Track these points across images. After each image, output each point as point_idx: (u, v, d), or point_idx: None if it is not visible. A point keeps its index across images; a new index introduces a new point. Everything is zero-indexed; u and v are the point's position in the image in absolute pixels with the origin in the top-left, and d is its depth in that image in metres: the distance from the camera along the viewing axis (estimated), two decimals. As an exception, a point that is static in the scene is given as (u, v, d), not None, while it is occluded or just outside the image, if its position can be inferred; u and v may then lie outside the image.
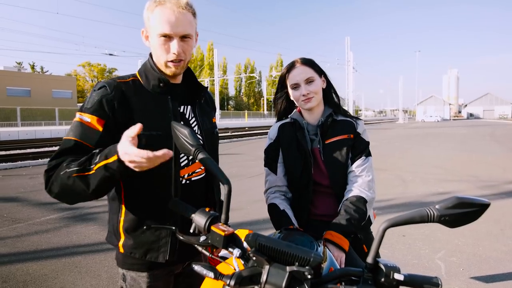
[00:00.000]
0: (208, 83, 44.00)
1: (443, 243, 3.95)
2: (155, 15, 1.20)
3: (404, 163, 10.34)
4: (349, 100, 36.09)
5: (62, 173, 1.07)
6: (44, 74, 54.17)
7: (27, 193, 6.65)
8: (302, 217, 1.54)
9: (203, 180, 1.40)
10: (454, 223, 0.83)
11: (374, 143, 17.55)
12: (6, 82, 39.74)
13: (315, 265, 0.78)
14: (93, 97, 1.20)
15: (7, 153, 12.98)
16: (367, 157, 1.56)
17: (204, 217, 0.96)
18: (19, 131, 20.81)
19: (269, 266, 0.81)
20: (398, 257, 3.61)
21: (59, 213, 5.30)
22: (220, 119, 42.61)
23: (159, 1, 1.21)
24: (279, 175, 1.60)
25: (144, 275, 1.30)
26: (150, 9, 1.22)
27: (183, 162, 1.31)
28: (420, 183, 7.29)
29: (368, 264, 0.85)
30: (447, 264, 3.42)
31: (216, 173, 0.95)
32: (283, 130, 1.65)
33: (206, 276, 0.83)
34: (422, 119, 75.10)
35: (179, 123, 1.07)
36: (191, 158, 1.33)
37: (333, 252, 1.32)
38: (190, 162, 1.34)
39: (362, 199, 1.46)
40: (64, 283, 3.08)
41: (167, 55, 1.23)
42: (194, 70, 62.61)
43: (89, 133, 1.16)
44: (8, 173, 9.12)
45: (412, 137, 21.67)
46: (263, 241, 0.81)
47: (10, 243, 4.05)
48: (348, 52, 35.26)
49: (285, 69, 1.61)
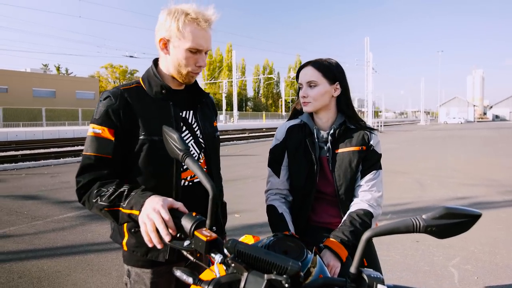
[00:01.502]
0: (226, 84, 44.26)
1: (458, 250, 3.83)
2: (188, 30, 1.24)
3: (423, 166, 10.08)
4: (368, 101, 35.49)
5: (95, 202, 1.17)
6: (69, 75, 55.83)
7: (47, 192, 6.87)
8: (301, 222, 1.52)
9: None
10: (442, 234, 0.80)
11: (393, 145, 17.23)
12: (32, 83, 41.29)
13: (292, 274, 0.77)
14: (100, 108, 1.26)
15: (31, 152, 13.44)
16: (378, 170, 1.51)
17: (190, 222, 0.96)
18: (43, 131, 21.54)
19: (247, 274, 0.80)
20: (410, 263, 3.52)
21: (77, 211, 5.45)
22: (238, 120, 42.77)
23: (191, 15, 1.24)
24: (282, 179, 1.57)
25: (148, 271, 1.35)
26: (179, 20, 1.23)
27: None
28: (439, 187, 7.09)
29: (351, 274, 0.84)
30: (461, 272, 3.31)
31: (201, 179, 0.96)
32: (291, 132, 1.58)
33: (185, 282, 0.83)
34: (444, 120, 73.02)
35: (169, 127, 1.09)
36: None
37: (330, 261, 1.29)
38: None
39: (370, 213, 1.41)
40: (76, 280, 3.16)
41: (193, 66, 1.30)
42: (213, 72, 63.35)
43: (104, 144, 1.23)
44: (31, 172, 9.46)
45: (433, 139, 21.13)
46: (242, 248, 0.81)
47: (28, 239, 4.19)
48: (367, 52, 34.71)
49: (301, 65, 1.55)
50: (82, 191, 1.22)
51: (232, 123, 41.06)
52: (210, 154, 1.45)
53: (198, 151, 1.41)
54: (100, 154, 1.23)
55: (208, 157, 1.45)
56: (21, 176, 8.79)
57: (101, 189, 1.18)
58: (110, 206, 1.14)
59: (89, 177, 1.22)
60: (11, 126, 29.00)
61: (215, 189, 0.94)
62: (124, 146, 1.26)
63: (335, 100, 1.53)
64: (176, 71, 1.32)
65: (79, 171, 1.24)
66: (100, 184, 1.20)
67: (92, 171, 1.22)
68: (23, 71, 43.34)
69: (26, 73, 42.90)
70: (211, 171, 1.46)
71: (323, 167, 1.52)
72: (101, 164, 1.23)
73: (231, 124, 37.79)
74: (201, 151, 1.42)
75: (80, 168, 1.24)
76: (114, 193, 1.15)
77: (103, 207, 1.15)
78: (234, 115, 41.93)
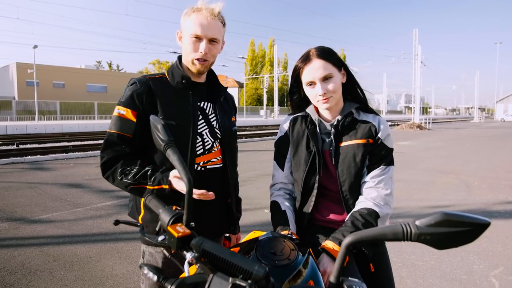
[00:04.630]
0: (267, 79, 44.20)
1: (503, 259, 3.49)
2: (191, 18, 1.38)
3: (471, 166, 9.37)
4: (416, 97, 33.68)
5: (120, 179, 1.31)
6: (119, 71, 58.84)
7: (90, 181, 7.28)
8: (303, 221, 1.43)
9: (219, 170, 1.49)
10: (439, 244, 0.69)
11: (439, 143, 16.24)
12: (86, 79, 44.06)
13: (257, 279, 0.70)
14: (126, 92, 1.39)
15: (81, 143, 14.35)
16: (388, 166, 1.36)
17: (168, 216, 0.92)
18: (94, 124, 22.92)
19: (212, 275, 0.75)
20: (445, 270, 3.27)
21: (114, 200, 5.71)
22: (279, 115, 42.56)
23: (196, 8, 1.40)
24: (286, 172, 1.49)
25: (160, 251, 1.41)
26: (187, 14, 1.41)
27: (199, 150, 1.43)
28: (487, 190, 6.55)
29: (330, 284, 0.75)
30: (503, 283, 3.01)
31: (179, 170, 0.92)
32: (294, 123, 1.50)
33: (150, 279, 0.80)
34: (501, 118, 67.52)
35: (155, 117, 1.08)
36: (207, 148, 1.45)
37: (327, 266, 1.18)
38: (206, 152, 1.45)
39: (375, 213, 1.28)
40: (104, 266, 3.30)
41: (195, 53, 1.39)
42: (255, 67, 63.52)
43: (126, 124, 1.36)
44: (79, 162, 10.09)
45: (486, 138, 19.61)
46: (207, 247, 0.75)
47: (67, 225, 4.46)
48: (416, 45, 32.87)
49: (299, 61, 1.39)
50: (106, 166, 1.34)
51: (272, 118, 41.01)
52: (226, 146, 1.51)
53: (213, 140, 1.47)
54: (122, 133, 1.35)
55: (223, 149, 1.51)
56: (70, 165, 9.39)
57: (125, 167, 1.31)
58: (136, 183, 1.29)
59: (112, 154, 1.34)
60: (66, 119, 31.21)
61: (191, 182, 0.90)
62: (145, 127, 1.35)
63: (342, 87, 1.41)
64: (186, 60, 1.44)
65: (103, 147, 1.36)
66: (124, 162, 1.33)
67: (115, 148, 1.35)
68: (78, 68, 46.41)
69: (81, 69, 45.91)
70: (225, 162, 1.50)
71: (326, 161, 1.41)
72: (122, 142, 1.35)
73: (271, 119, 37.77)
74: (216, 140, 1.49)
75: (104, 144, 1.37)
76: (139, 173, 1.28)
77: (128, 184, 1.29)
78: (274, 110, 41.83)
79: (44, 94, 36.86)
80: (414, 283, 3.02)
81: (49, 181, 7.22)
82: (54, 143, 14.61)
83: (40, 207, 5.29)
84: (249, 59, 64.42)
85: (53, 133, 19.72)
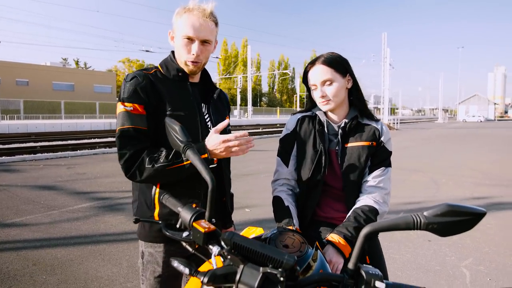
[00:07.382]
0: (241, 79, 44.23)
1: (471, 251, 3.75)
2: (183, 19, 1.37)
3: (439, 164, 9.88)
4: (385, 98, 34.90)
5: (151, 166, 1.28)
6: (87, 69, 56.84)
7: (63, 182, 7.04)
8: (306, 216, 1.51)
9: (214, 170, 1.49)
10: (443, 232, 0.79)
11: (408, 143, 16.93)
12: (52, 77, 42.19)
13: (288, 267, 0.76)
14: (127, 87, 1.36)
15: (49, 143, 13.78)
16: (387, 167, 1.48)
17: (189, 213, 0.96)
18: (62, 124, 22.04)
19: (243, 266, 0.80)
20: (420, 262, 3.47)
21: (91, 202, 5.57)
22: (252, 115, 42.72)
23: (188, 8, 1.38)
24: (290, 169, 1.56)
25: (160, 251, 1.41)
26: (179, 14, 1.39)
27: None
28: (454, 187, 6.94)
29: (349, 270, 0.83)
30: (473, 273, 3.24)
31: (201, 170, 0.97)
32: (302, 123, 1.57)
33: (182, 272, 0.84)
34: (463, 119, 71.23)
35: (172, 119, 1.12)
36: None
37: (332, 257, 1.27)
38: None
39: (375, 210, 1.39)
40: (88, 269, 3.24)
41: (188, 55, 1.39)
42: (228, 67, 63.36)
43: (138, 118, 1.33)
44: (48, 163, 9.71)
45: (451, 138, 20.66)
46: (238, 240, 0.81)
47: (43, 228, 4.31)
48: (385, 48, 34.07)
49: (308, 65, 1.52)
50: (130, 163, 1.30)
51: (246, 118, 41.08)
52: None
53: None
54: (138, 126, 1.32)
55: None
56: (39, 167, 9.03)
57: (151, 155, 1.29)
58: (171, 164, 1.27)
59: (134, 148, 1.30)
60: (31, 118, 29.79)
61: (214, 182, 0.95)
62: (154, 120, 1.35)
63: (347, 92, 1.52)
64: (179, 61, 1.44)
65: (121, 144, 1.31)
66: (148, 152, 1.30)
67: (134, 142, 1.31)
68: (43, 65, 44.36)
69: (46, 66, 43.90)
70: (220, 163, 1.52)
71: (332, 160, 1.50)
72: (141, 135, 1.32)
73: (245, 119, 37.82)
74: None
75: (121, 141, 1.31)
76: (170, 154, 1.27)
77: (164, 166, 1.26)
78: (248, 110, 41.93)
79: (6, 92, 35.03)
80: (393, 275, 3.19)
81: (18, 183, 6.92)
82: (20, 143, 13.94)
83: (12, 210, 5.08)
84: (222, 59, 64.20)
85: (18, 133, 18.79)
